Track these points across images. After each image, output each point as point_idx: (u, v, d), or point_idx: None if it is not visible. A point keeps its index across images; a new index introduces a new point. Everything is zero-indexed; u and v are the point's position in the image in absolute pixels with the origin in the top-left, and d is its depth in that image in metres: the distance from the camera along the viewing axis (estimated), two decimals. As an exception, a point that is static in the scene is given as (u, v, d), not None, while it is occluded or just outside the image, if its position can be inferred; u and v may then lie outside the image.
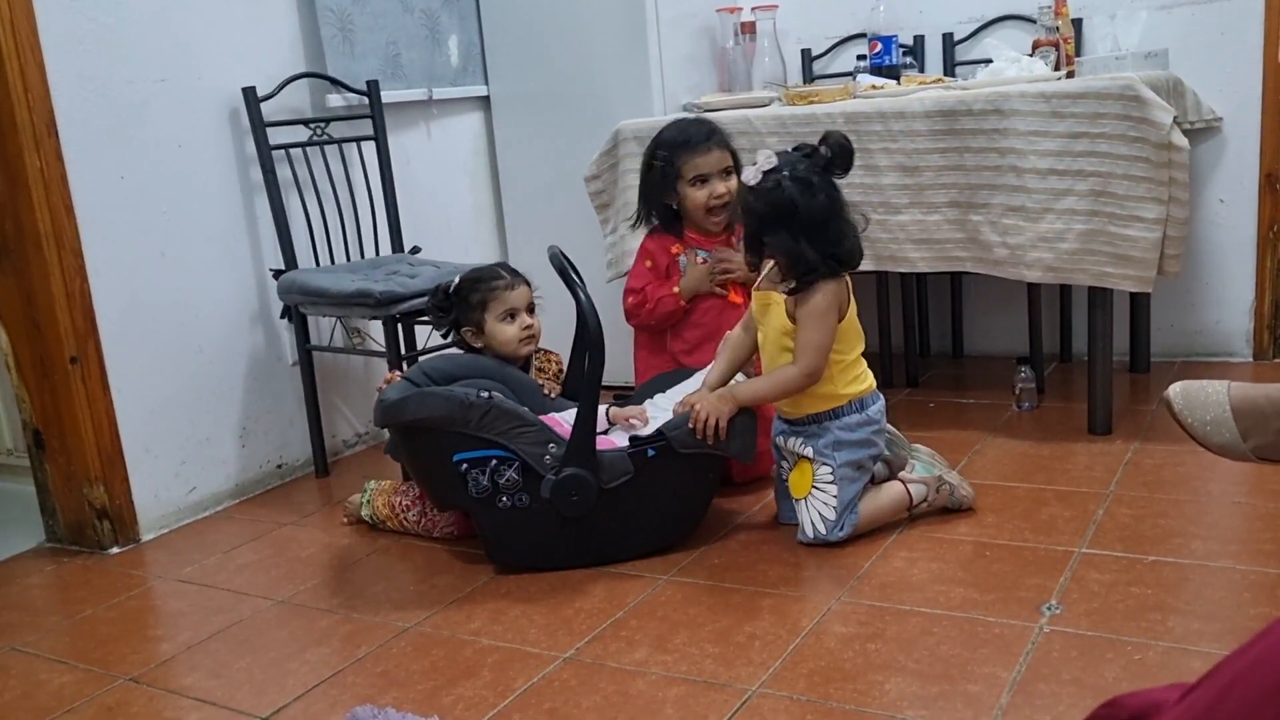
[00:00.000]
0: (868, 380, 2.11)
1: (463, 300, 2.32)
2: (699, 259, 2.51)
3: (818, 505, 2.06)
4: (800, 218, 1.96)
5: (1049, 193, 2.39)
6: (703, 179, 2.44)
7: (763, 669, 1.64)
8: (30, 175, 2.29)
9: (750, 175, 1.99)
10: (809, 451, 2.07)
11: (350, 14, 2.97)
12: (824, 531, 2.05)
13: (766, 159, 1.99)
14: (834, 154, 1.99)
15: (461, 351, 2.37)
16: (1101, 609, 1.71)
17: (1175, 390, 1.60)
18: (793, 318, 2.03)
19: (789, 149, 2.06)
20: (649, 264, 2.54)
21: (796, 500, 2.09)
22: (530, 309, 2.33)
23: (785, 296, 2.03)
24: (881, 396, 2.13)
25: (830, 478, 2.05)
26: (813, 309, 1.99)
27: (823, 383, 2.04)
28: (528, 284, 2.34)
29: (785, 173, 1.97)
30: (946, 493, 2.15)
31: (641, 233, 2.61)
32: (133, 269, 2.49)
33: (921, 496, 2.13)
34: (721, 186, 2.44)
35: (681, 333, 2.53)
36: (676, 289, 2.49)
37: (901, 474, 2.15)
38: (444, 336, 2.42)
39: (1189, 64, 2.91)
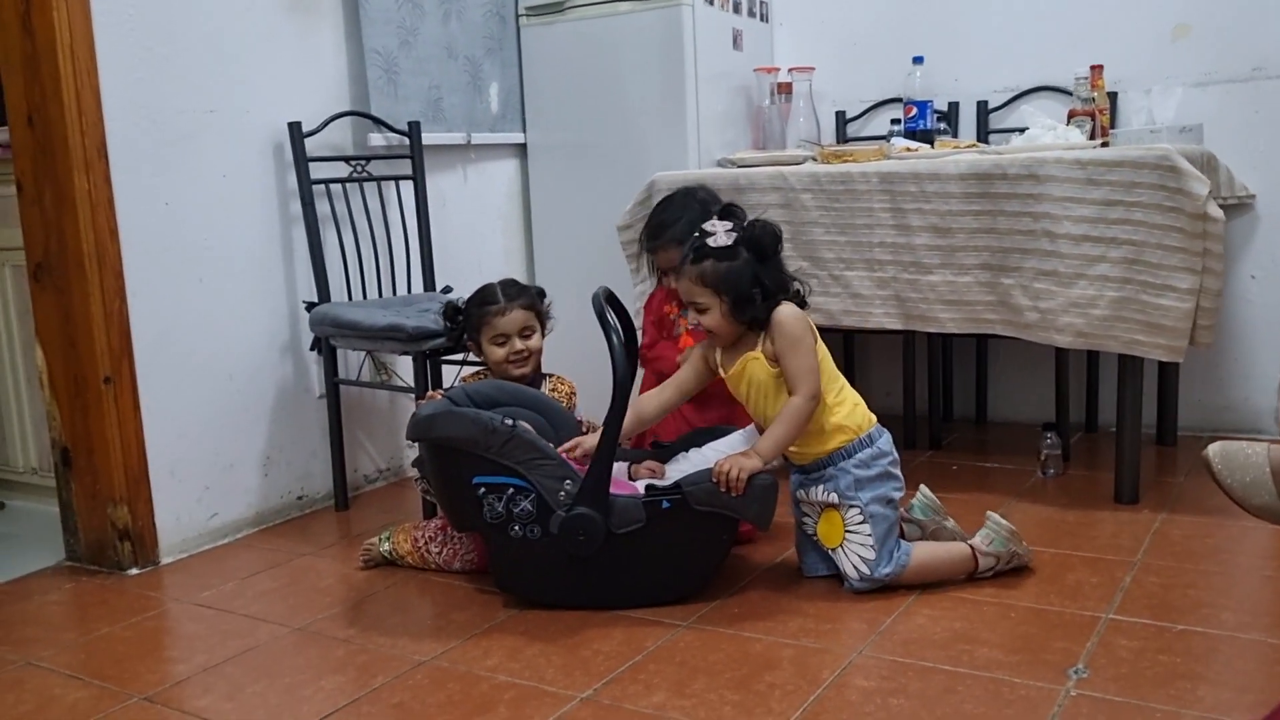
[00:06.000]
0: (867, 411, 2.11)
1: (467, 319, 2.44)
2: (687, 324, 2.56)
3: (855, 549, 2.04)
4: (781, 247, 2.07)
5: (1082, 259, 2.39)
6: (664, 272, 2.58)
7: (782, 719, 1.61)
8: (78, 196, 2.33)
9: (722, 238, 2.02)
10: (833, 498, 2.06)
11: (396, 57, 3.03)
12: (868, 572, 2.03)
13: (722, 222, 2.04)
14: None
15: (480, 363, 2.49)
16: (1129, 675, 1.69)
17: (1215, 449, 1.59)
18: (772, 359, 2.04)
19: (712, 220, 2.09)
20: (654, 320, 2.64)
21: (833, 550, 2.08)
22: (525, 333, 2.39)
23: (759, 345, 2.05)
24: (886, 431, 2.12)
25: (861, 518, 2.04)
26: (789, 335, 2.01)
27: (824, 416, 2.04)
28: (527, 306, 2.40)
29: (744, 221, 2.05)
30: (1013, 564, 2.12)
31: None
32: (170, 294, 2.53)
33: (988, 568, 2.10)
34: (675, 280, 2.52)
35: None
36: (679, 358, 2.49)
37: (975, 542, 2.10)
38: (458, 348, 2.53)
39: (1223, 140, 2.93)
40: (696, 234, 2.06)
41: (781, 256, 2.09)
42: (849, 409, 2.08)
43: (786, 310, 2.03)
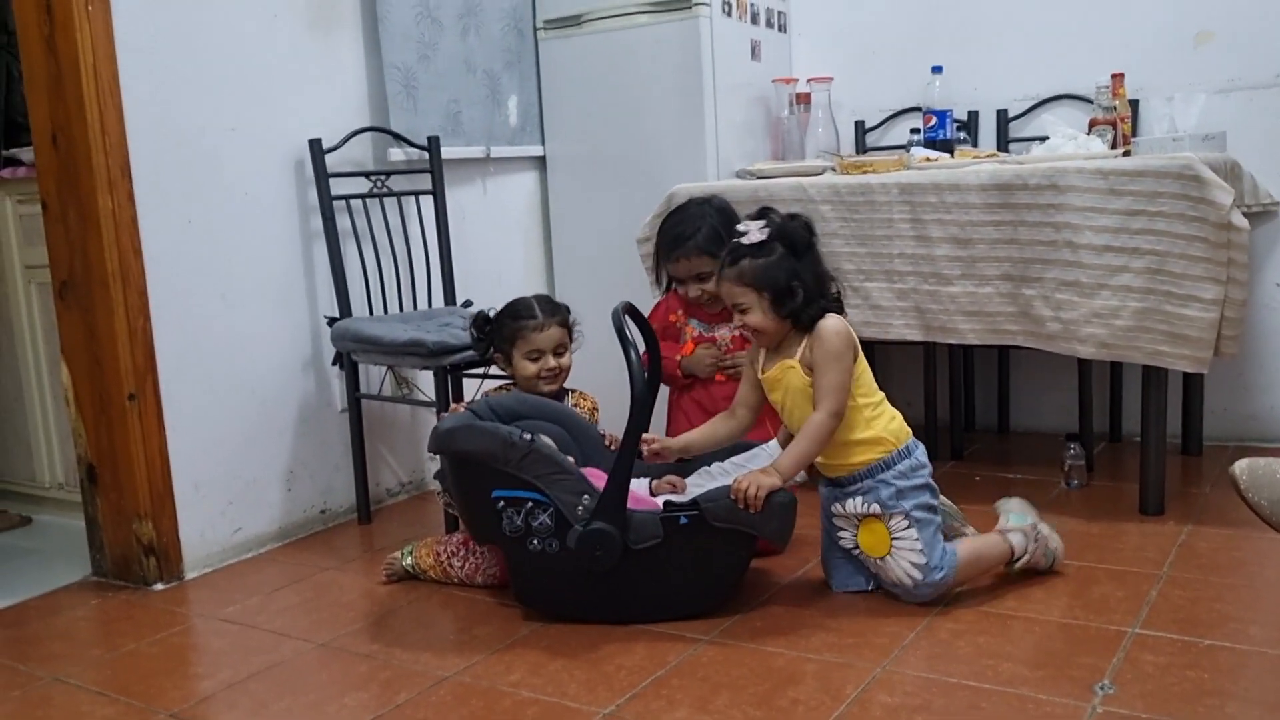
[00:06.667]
0: (904, 424, 2.11)
1: (498, 330, 2.43)
2: (694, 332, 2.65)
3: (905, 555, 2.03)
4: (815, 241, 2.07)
5: (1104, 269, 2.38)
6: (681, 282, 2.63)
7: (806, 735, 1.61)
8: (102, 215, 2.36)
9: (755, 235, 2.03)
10: (874, 509, 2.04)
11: (415, 72, 3.05)
12: (922, 577, 2.02)
13: (755, 221, 2.04)
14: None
15: (504, 377, 2.51)
16: (1156, 691, 1.67)
17: (1241, 466, 1.57)
18: (809, 368, 2.03)
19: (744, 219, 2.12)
20: (659, 328, 2.65)
21: (880, 559, 2.05)
22: (558, 351, 2.41)
23: (798, 354, 2.05)
24: (922, 444, 2.11)
25: (906, 523, 2.03)
26: (830, 350, 2.00)
27: (862, 428, 2.04)
28: (562, 324, 2.42)
29: (775, 218, 2.05)
30: (1043, 543, 2.12)
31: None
32: (193, 311, 2.55)
33: (1022, 548, 2.10)
34: (695, 290, 2.61)
35: (683, 408, 2.67)
36: (679, 358, 2.61)
37: (998, 526, 2.12)
38: (481, 357, 2.52)
39: (1247, 147, 2.91)
40: (733, 236, 2.07)
41: (819, 253, 2.08)
42: (887, 420, 2.08)
43: (832, 323, 2.02)
